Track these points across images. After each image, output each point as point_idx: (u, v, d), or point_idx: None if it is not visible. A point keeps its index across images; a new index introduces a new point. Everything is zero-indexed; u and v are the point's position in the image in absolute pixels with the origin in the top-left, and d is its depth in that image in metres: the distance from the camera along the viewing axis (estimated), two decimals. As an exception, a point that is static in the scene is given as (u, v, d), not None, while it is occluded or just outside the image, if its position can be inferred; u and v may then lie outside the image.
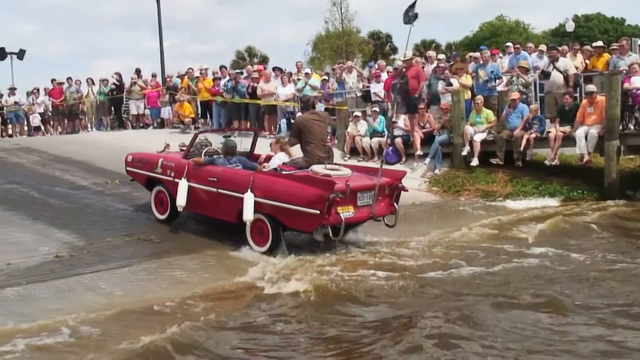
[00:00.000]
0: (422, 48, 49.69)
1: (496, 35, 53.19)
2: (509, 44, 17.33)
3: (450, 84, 14.78)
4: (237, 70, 20.66)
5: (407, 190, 9.67)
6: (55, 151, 15.77)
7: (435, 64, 15.94)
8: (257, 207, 8.75)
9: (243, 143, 10.76)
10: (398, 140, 14.54)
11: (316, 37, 52.18)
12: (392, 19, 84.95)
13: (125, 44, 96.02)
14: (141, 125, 22.68)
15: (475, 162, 13.39)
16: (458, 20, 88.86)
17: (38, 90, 23.79)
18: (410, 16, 9.85)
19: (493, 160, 13.32)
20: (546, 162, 12.90)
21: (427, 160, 13.99)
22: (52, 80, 23.54)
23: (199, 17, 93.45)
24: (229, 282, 7.59)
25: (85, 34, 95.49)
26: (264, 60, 55.00)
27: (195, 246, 9.02)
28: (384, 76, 16.62)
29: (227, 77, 19.73)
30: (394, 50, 58.27)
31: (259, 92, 18.44)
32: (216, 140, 10.70)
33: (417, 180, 13.59)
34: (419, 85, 14.94)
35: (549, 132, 12.88)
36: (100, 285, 7.31)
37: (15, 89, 24.24)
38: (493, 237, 9.63)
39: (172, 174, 10.06)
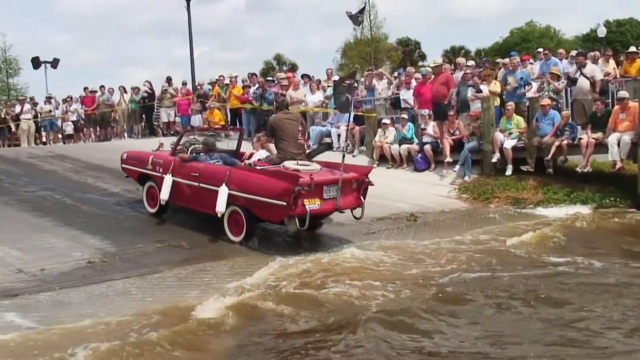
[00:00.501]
0: (452, 54, 49.52)
1: (526, 41, 52.87)
2: (540, 49, 17.21)
3: (480, 91, 14.71)
4: (269, 78, 20.72)
5: (373, 185, 10.10)
6: (87, 158, 15.98)
7: (469, 71, 15.88)
8: (233, 199, 9.49)
9: (230, 143, 11.77)
10: (427, 147, 14.49)
11: (345, 44, 52.24)
12: (421, 25, 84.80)
13: (156, 52, 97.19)
14: (172, 132, 22.89)
15: (509, 171, 13.30)
16: (487, 26, 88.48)
17: (71, 98, 24.18)
18: (356, 18, 9.98)
19: (524, 168, 13.21)
20: (578, 169, 12.73)
21: (457, 167, 13.91)
22: (85, 89, 23.91)
23: (228, 25, 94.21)
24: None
25: (116, 43, 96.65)
26: (292, 67, 55.17)
27: (225, 252, 9.07)
28: (414, 83, 16.59)
29: (257, 85, 19.84)
30: (423, 57, 58.23)
31: (287, 99, 18.50)
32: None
33: (446, 188, 13.53)
34: (448, 92, 14.90)
35: (580, 138, 12.73)
36: (131, 291, 7.38)
37: (50, 97, 24.71)
38: (522, 244, 9.54)
39: (161, 170, 10.84)
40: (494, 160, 13.53)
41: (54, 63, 33.13)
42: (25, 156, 17.71)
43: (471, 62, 17.64)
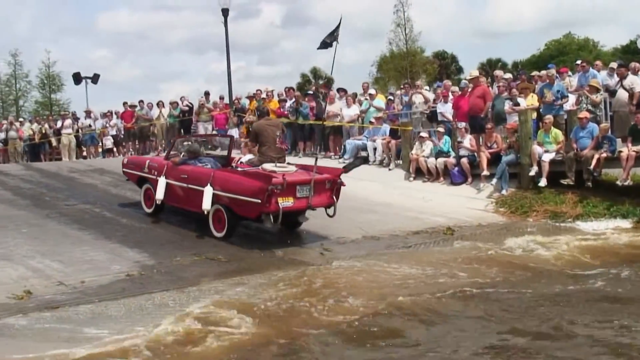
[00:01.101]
0: (488, 67, 49.16)
1: (564, 54, 52.28)
2: (579, 61, 17.01)
3: (517, 104, 14.59)
4: (309, 92, 20.80)
5: (344, 185, 10.95)
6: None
7: (501, 84, 15.78)
8: (216, 199, 10.50)
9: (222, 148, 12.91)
10: (464, 160, 14.38)
11: (380, 57, 52.16)
12: (457, 38, 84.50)
13: (193, 67, 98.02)
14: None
15: (543, 182, 13.10)
16: (524, 38, 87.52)
17: (111, 113, 24.58)
18: (327, 42, 10.93)
19: (564, 181, 12.97)
20: (618, 182, 12.49)
21: (494, 180, 13.76)
22: (124, 104, 24.28)
23: (264, 40, 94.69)
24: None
25: (154, 58, 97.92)
26: (328, 81, 55.30)
27: (262, 265, 9.08)
28: (450, 96, 16.53)
29: (292, 99, 19.94)
30: (460, 70, 57.89)
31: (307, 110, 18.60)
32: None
33: (483, 201, 13.41)
34: (485, 104, 14.82)
35: (620, 151, 12.53)
36: (169, 303, 7.42)
37: (90, 112, 25.15)
38: (559, 257, 9.42)
39: (155, 172, 11.89)
40: (532, 173, 13.35)
41: (94, 78, 33.74)
42: (66, 170, 18.03)
43: (508, 75, 17.49)
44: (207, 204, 10.46)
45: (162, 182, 11.51)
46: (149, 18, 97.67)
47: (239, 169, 11.06)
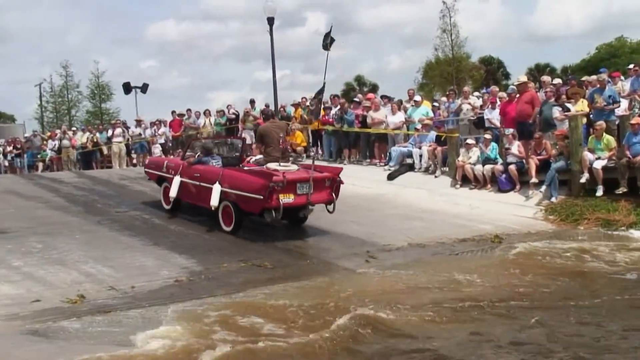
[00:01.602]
0: (536, 72, 48.53)
1: (615, 57, 51.21)
2: (631, 65, 16.64)
3: (568, 110, 14.36)
4: (355, 99, 20.83)
5: (343, 183, 11.73)
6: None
7: (548, 89, 15.57)
8: (225, 195, 11.33)
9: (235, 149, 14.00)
10: (512, 167, 14.21)
11: (426, 63, 51.93)
12: (504, 44, 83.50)
13: (238, 75, 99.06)
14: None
15: (600, 191, 12.80)
16: (573, 42, 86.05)
17: (160, 121, 24.98)
18: (327, 43, 11.34)
19: (619, 191, 12.57)
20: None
21: (543, 187, 13.55)
22: (172, 112, 24.64)
23: (309, 48, 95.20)
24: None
25: (201, 67, 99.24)
26: (373, 88, 55.21)
27: (307, 272, 9.13)
28: (497, 102, 16.38)
29: (338, 106, 19.98)
30: (507, 76, 57.23)
31: (368, 120, 18.59)
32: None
33: (532, 209, 13.22)
34: (533, 110, 14.64)
35: (676, 158, 12.22)
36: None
37: (140, 120, 25.62)
38: (611, 265, 9.25)
39: (172, 172, 12.87)
40: (583, 180, 13.10)
41: (144, 88, 34.32)
42: (116, 178, 18.41)
43: (557, 80, 17.22)
44: (215, 201, 11.34)
45: (176, 180, 12.51)
46: (196, 28, 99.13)
47: (246, 167, 12.04)
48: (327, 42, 11.29)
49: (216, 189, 11.37)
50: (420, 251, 10.35)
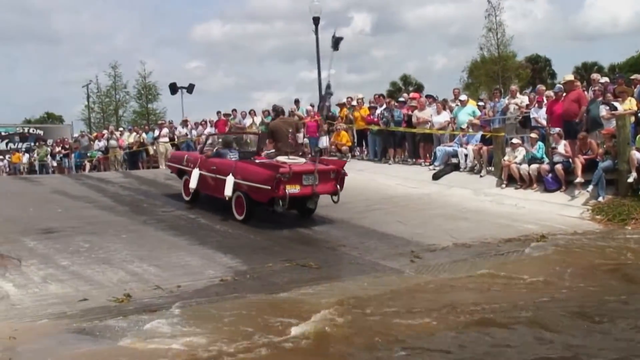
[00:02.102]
0: (583, 71, 47.72)
1: (664, 55, 50.10)
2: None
3: (614, 108, 14.08)
4: (401, 99, 20.75)
5: (347, 175, 12.65)
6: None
7: (596, 88, 15.27)
8: (237, 186, 12.25)
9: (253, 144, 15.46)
10: (558, 167, 13.98)
11: (471, 63, 51.45)
12: (551, 42, 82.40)
13: (283, 75, 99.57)
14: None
15: (646, 190, 12.58)
16: (620, 40, 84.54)
17: (206, 122, 25.23)
18: (334, 43, 12.10)
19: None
20: None
21: (590, 187, 13.29)
22: (218, 112, 24.87)
23: (354, 48, 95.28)
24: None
25: (246, 68, 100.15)
26: (418, 88, 54.95)
27: (352, 272, 9.10)
28: (544, 101, 16.14)
29: (384, 106, 19.92)
30: (553, 75, 56.40)
31: (414, 120, 18.51)
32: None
33: (578, 209, 12.99)
34: (579, 109, 14.39)
35: None
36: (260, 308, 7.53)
37: (186, 121, 25.93)
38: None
39: (191, 165, 13.85)
40: (631, 180, 12.83)
41: (190, 88, 34.62)
42: (162, 178, 18.63)
43: (604, 79, 16.88)
44: (228, 191, 12.27)
45: (195, 173, 13.47)
46: (241, 28, 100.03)
47: (257, 161, 12.86)
48: (335, 42, 12.10)
49: (229, 180, 12.27)
50: (465, 251, 10.24)
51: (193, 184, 13.49)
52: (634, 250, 10.06)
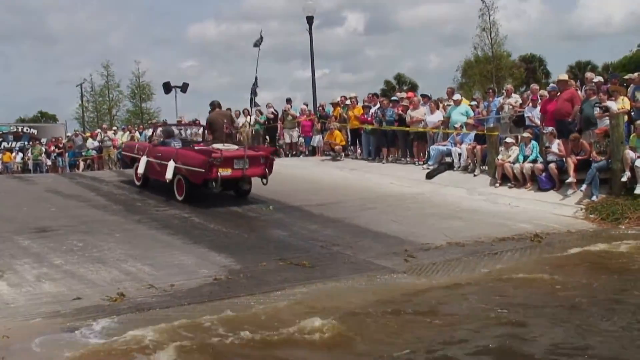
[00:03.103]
0: (577, 70, 47.82)
1: (658, 54, 50.20)
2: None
3: (607, 109, 14.08)
4: (394, 98, 20.73)
5: (275, 160, 14.66)
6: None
7: (588, 87, 15.30)
8: (178, 170, 13.80)
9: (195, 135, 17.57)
10: (552, 166, 14.01)
11: (465, 62, 51.54)
12: (544, 42, 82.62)
13: (277, 74, 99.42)
14: (294, 153, 23.36)
15: (639, 189, 12.60)
16: (614, 40, 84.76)
17: (199, 121, 25.16)
18: (258, 41, 13.80)
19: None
20: None
21: (583, 186, 13.32)
22: (215, 111, 24.81)
23: (348, 48, 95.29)
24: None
25: (240, 67, 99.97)
26: (412, 87, 54.98)
27: (346, 271, 9.08)
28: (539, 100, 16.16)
29: (377, 105, 19.93)
30: (547, 74, 56.48)
31: (407, 119, 18.52)
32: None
33: (572, 208, 13.03)
34: (572, 109, 14.42)
35: None
36: (254, 307, 7.48)
37: (181, 120, 25.85)
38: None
39: (141, 153, 15.54)
40: (624, 179, 12.87)
41: (184, 87, 34.28)
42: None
43: (598, 78, 16.90)
44: (169, 174, 13.83)
45: (143, 159, 15.21)
46: (235, 28, 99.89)
47: (196, 148, 14.26)
48: (258, 41, 13.74)
49: (170, 165, 13.82)
50: (459, 250, 10.25)
51: (141, 169, 15.25)
52: (627, 249, 10.09)
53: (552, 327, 6.62)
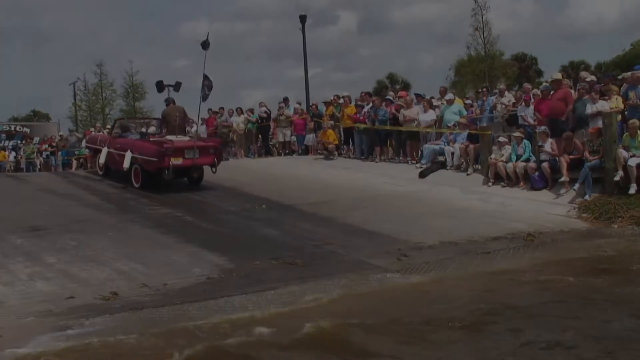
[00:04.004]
0: (570, 69, 47.94)
1: (651, 53, 50.28)
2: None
3: (596, 107, 14.07)
4: (388, 97, 20.71)
5: (223, 151, 17.08)
6: (206, 177, 16.50)
7: (580, 86, 15.31)
8: (134, 160, 15.22)
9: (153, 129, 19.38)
10: (545, 165, 14.03)
11: (458, 61, 51.62)
12: (537, 41, 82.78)
13: (270, 73, 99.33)
14: (287, 152, 23.34)
15: (633, 189, 12.54)
16: (607, 39, 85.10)
17: (192, 120, 25.11)
18: (205, 44, 15.36)
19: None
20: None
21: (576, 185, 13.35)
22: (208, 110, 24.78)
23: (341, 47, 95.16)
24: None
25: (233, 66, 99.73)
26: (405, 86, 54.99)
27: (339, 270, 9.07)
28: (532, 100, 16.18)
29: (370, 104, 19.93)
30: (540, 73, 56.61)
31: (400, 118, 18.52)
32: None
33: (565, 207, 13.04)
34: (566, 108, 14.44)
35: None
36: (248, 306, 7.52)
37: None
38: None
39: (102, 144, 17.23)
40: (617, 178, 12.88)
41: (177, 86, 34.13)
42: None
43: (591, 77, 16.91)
44: (127, 163, 15.30)
45: (104, 151, 16.88)
46: (228, 27, 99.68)
47: (151, 139, 15.99)
48: (206, 43, 15.25)
49: (128, 155, 15.27)
50: (452, 249, 10.25)
51: (102, 159, 16.98)
52: (620, 248, 10.13)
53: (545, 325, 6.65)
